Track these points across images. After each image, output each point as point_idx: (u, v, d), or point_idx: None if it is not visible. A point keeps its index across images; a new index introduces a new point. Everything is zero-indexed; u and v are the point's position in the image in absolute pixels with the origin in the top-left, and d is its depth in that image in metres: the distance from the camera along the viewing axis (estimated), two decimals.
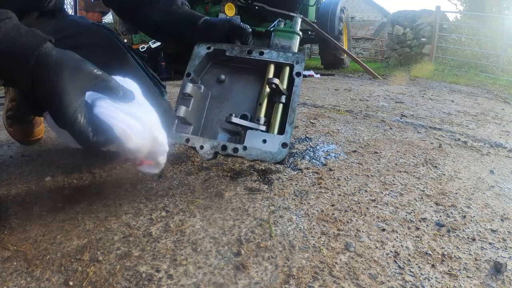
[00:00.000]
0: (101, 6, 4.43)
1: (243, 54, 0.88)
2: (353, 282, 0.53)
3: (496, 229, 0.70)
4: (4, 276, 0.54)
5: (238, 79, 0.92)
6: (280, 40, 0.93)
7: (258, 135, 0.81)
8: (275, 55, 0.89)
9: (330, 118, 1.64)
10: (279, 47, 0.92)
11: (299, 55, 0.88)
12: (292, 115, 0.83)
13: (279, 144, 0.80)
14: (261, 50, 0.88)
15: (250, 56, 0.88)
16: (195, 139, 0.83)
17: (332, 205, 0.76)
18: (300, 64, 0.88)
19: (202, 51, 0.90)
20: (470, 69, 6.14)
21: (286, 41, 0.93)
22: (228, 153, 0.80)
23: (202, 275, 0.54)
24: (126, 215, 0.70)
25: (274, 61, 0.88)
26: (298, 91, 0.85)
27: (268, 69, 0.89)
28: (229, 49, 0.89)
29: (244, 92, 0.91)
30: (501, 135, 1.50)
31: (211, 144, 0.82)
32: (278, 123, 0.84)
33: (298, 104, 0.85)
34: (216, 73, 0.93)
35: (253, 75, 0.92)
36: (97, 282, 0.53)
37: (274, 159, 0.79)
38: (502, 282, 0.55)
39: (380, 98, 2.44)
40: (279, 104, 0.85)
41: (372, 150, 1.15)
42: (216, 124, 0.89)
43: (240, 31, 0.90)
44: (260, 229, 0.66)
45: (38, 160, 1.03)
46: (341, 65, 5.80)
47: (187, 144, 0.83)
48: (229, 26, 0.90)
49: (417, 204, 0.79)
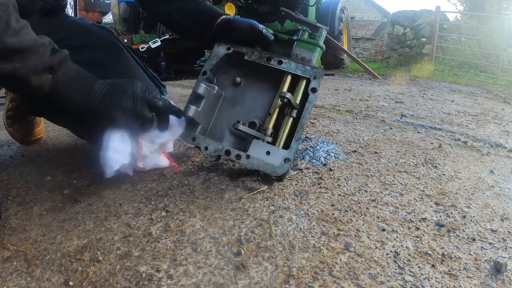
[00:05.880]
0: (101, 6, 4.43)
1: (261, 60, 0.87)
2: (353, 282, 0.53)
3: (496, 229, 0.70)
4: (4, 276, 0.54)
5: (253, 84, 0.91)
6: (301, 51, 0.90)
7: (262, 146, 0.81)
8: (293, 66, 0.86)
9: (330, 118, 1.64)
10: (299, 58, 0.89)
11: (318, 70, 0.85)
12: (300, 132, 0.81)
13: (282, 158, 0.80)
14: (280, 59, 0.86)
15: (269, 64, 0.86)
16: (201, 138, 0.83)
17: (332, 205, 0.76)
18: (317, 79, 0.85)
19: (221, 51, 0.88)
20: (470, 69, 6.14)
21: (307, 53, 0.90)
22: (230, 159, 0.81)
23: (202, 275, 0.54)
24: (126, 215, 0.70)
25: (291, 72, 0.87)
26: (310, 108, 0.83)
27: (285, 79, 0.87)
28: (248, 53, 0.88)
29: (257, 99, 0.90)
30: (501, 135, 1.50)
31: (216, 146, 0.82)
32: (285, 137, 0.83)
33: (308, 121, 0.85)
34: (233, 75, 0.92)
35: (269, 83, 0.91)
36: (97, 282, 0.53)
37: (274, 172, 0.79)
38: (502, 282, 0.55)
39: (380, 98, 2.44)
40: (289, 118, 0.84)
41: (372, 150, 1.15)
42: (225, 126, 0.88)
43: (262, 38, 0.89)
44: (260, 229, 0.66)
45: (38, 160, 1.03)
46: (341, 65, 5.80)
47: (192, 142, 0.83)
48: (251, 31, 0.88)
49: (417, 204, 0.79)
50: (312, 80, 0.85)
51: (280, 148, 0.81)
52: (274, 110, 0.86)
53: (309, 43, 0.91)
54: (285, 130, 0.84)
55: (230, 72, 0.92)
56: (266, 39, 0.89)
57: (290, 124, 0.85)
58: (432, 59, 6.60)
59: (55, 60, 0.64)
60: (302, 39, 0.91)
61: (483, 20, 7.97)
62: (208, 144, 0.82)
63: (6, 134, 1.19)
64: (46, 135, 1.27)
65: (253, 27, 0.88)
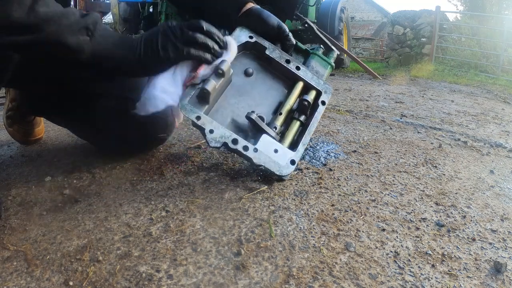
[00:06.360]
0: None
1: (281, 60, 0.88)
2: (353, 282, 0.53)
3: (496, 229, 0.70)
4: (4, 276, 0.54)
5: (264, 80, 0.91)
6: (316, 64, 0.94)
7: (272, 142, 0.80)
8: (309, 76, 0.90)
9: (330, 118, 1.64)
10: (313, 71, 0.93)
11: (329, 87, 0.91)
12: (307, 137, 0.84)
13: (289, 159, 0.80)
14: (298, 65, 0.89)
15: (287, 66, 0.88)
16: (207, 119, 0.76)
17: (332, 205, 0.76)
18: (327, 94, 0.90)
19: (243, 36, 0.86)
20: (470, 69, 6.14)
21: (321, 68, 0.95)
22: (236, 149, 0.76)
23: (202, 275, 0.54)
24: (126, 215, 0.70)
25: (305, 81, 0.89)
26: (319, 117, 0.87)
27: (297, 85, 0.89)
28: (270, 49, 0.88)
29: (265, 96, 0.90)
30: (501, 135, 1.50)
31: (223, 132, 0.76)
32: (291, 139, 0.84)
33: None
34: (245, 64, 0.90)
35: (279, 84, 0.92)
36: (97, 282, 0.53)
37: (279, 171, 0.79)
38: (502, 282, 0.55)
39: (380, 98, 2.44)
40: (297, 122, 0.86)
41: (372, 150, 1.15)
42: (227, 114, 0.84)
43: (285, 40, 0.90)
44: (260, 229, 0.66)
45: (38, 160, 1.03)
46: (341, 65, 5.80)
47: (196, 122, 0.75)
48: (278, 31, 0.88)
49: (417, 204, 0.79)
50: (323, 93, 0.89)
51: (287, 148, 0.81)
52: (286, 110, 0.86)
53: (324, 60, 0.95)
54: (291, 131, 0.85)
55: (243, 61, 0.90)
56: (290, 42, 0.90)
57: (297, 127, 0.86)
58: (432, 59, 6.60)
59: (89, 21, 0.65)
60: (319, 55, 0.95)
61: (483, 20, 7.96)
62: (214, 127, 0.76)
63: (6, 134, 1.19)
64: (46, 135, 1.27)
65: (281, 25, 0.89)
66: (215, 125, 0.76)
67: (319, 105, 0.88)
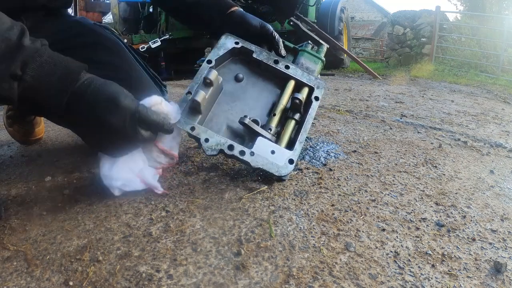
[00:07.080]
0: (101, 6, 4.43)
1: (269, 61, 0.88)
2: (353, 282, 0.53)
3: (496, 229, 0.70)
4: (4, 276, 0.54)
5: (255, 83, 0.92)
6: (306, 61, 0.94)
7: (268, 144, 0.80)
8: (299, 73, 0.89)
9: (330, 118, 1.64)
10: (303, 68, 0.93)
11: (321, 82, 0.90)
12: (303, 135, 0.84)
13: (287, 159, 0.80)
14: (287, 64, 0.89)
15: (276, 67, 0.88)
16: (201, 129, 0.78)
17: (332, 205, 0.76)
18: (320, 89, 0.89)
19: (229, 43, 0.87)
20: (470, 69, 6.15)
21: (311, 64, 0.94)
22: (233, 154, 0.77)
23: (202, 275, 0.54)
24: (126, 215, 0.70)
25: (296, 79, 0.89)
26: (313, 114, 0.87)
27: (288, 84, 0.89)
28: (257, 52, 0.88)
29: (258, 99, 0.90)
30: (501, 135, 1.50)
31: (218, 140, 0.77)
32: (287, 139, 0.84)
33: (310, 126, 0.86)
34: (234, 70, 0.91)
35: (271, 85, 0.92)
36: (97, 282, 0.53)
37: (278, 172, 0.79)
38: (502, 282, 0.55)
39: (380, 98, 2.44)
40: (292, 120, 0.86)
41: (372, 150, 1.15)
42: (222, 121, 0.86)
43: (271, 38, 0.90)
44: (260, 229, 0.66)
45: (38, 160, 1.03)
46: (341, 65, 5.80)
47: (191, 132, 0.77)
48: (262, 31, 0.89)
49: (417, 204, 0.79)
50: (315, 89, 0.89)
51: (284, 148, 0.81)
52: (279, 110, 0.86)
53: (314, 56, 0.95)
54: (287, 131, 0.85)
55: (232, 67, 0.91)
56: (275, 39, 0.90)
57: (292, 126, 0.86)
58: (432, 59, 6.60)
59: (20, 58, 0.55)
60: (308, 51, 0.95)
61: (483, 20, 7.96)
62: (209, 136, 0.77)
63: (6, 134, 1.19)
64: (46, 135, 1.27)
65: (264, 25, 0.89)
66: (210, 133, 0.78)
67: (312, 101, 0.87)
